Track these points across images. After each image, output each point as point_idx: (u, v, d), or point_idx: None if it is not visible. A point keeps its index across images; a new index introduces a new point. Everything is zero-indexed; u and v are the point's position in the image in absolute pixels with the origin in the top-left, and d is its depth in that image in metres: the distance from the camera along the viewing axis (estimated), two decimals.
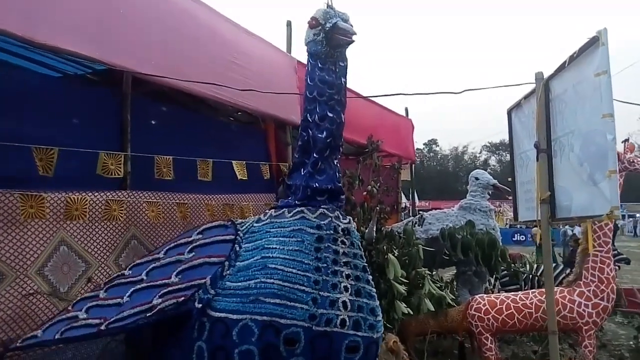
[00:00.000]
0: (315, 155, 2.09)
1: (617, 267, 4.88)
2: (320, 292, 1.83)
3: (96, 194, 3.53)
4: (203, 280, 1.88)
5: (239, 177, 4.61)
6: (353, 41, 2.16)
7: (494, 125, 72.74)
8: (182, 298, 1.86)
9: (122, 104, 3.89)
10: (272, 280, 1.81)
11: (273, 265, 1.84)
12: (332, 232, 1.97)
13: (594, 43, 2.18)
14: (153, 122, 4.20)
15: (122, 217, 3.68)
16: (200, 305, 1.84)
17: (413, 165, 9.29)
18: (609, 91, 2.09)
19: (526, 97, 3.05)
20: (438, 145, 51.64)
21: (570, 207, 2.50)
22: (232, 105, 4.63)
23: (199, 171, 4.26)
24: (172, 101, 4.83)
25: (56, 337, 2.06)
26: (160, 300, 1.90)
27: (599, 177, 2.20)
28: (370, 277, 2.01)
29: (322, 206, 2.02)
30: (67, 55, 3.92)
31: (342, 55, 2.18)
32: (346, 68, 2.19)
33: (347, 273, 1.92)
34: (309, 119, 2.13)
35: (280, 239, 1.92)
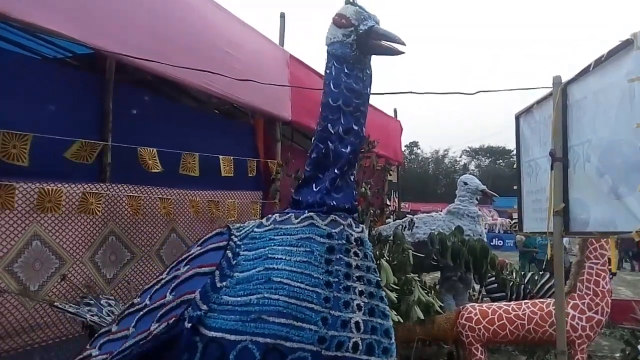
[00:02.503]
0: (336, 171, 1.84)
1: None
2: (331, 311, 1.60)
3: (72, 185, 3.29)
4: (192, 295, 1.65)
5: (223, 173, 4.39)
6: (403, 52, 1.89)
7: (475, 131, 73.80)
8: (173, 319, 1.63)
9: (104, 91, 3.63)
10: (277, 296, 1.57)
11: (278, 279, 1.61)
12: (344, 242, 1.74)
13: (627, 46, 2.04)
14: (136, 112, 3.95)
15: (99, 211, 3.43)
16: (190, 324, 1.60)
17: (399, 167, 9.18)
18: None
19: (538, 102, 2.91)
20: (419, 148, 51.93)
21: (587, 221, 2.36)
22: (221, 98, 4.40)
23: (185, 165, 4.04)
24: (157, 91, 4.58)
25: None
26: (157, 324, 1.68)
27: (624, 190, 2.05)
28: (383, 294, 1.81)
29: (333, 213, 1.80)
30: (45, 36, 3.67)
31: (369, 62, 1.94)
32: (371, 77, 1.95)
33: (360, 289, 1.70)
34: (331, 130, 1.85)
35: (287, 248, 1.69)
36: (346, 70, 1.89)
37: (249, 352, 1.54)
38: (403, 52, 1.90)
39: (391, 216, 8.14)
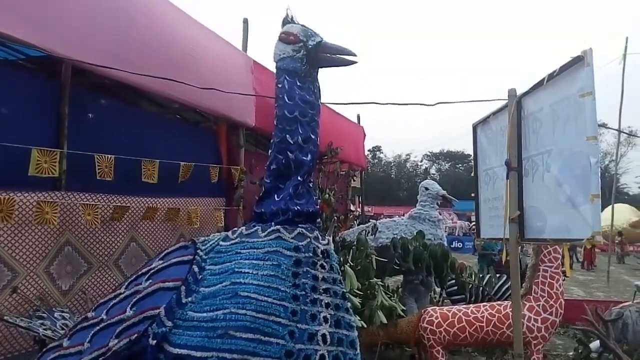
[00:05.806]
0: (299, 178, 1.91)
1: None
2: (298, 325, 1.62)
3: (26, 194, 3.16)
4: (157, 311, 1.62)
5: (180, 179, 4.30)
6: (355, 62, 2.05)
7: (435, 136, 75.63)
8: (135, 335, 1.59)
9: (60, 96, 3.50)
10: (244, 311, 1.57)
11: (245, 293, 1.60)
12: (311, 254, 1.77)
13: (577, 62, 2.15)
14: (93, 116, 3.83)
15: (55, 220, 3.31)
16: (155, 341, 1.57)
17: (363, 172, 9.27)
18: (594, 113, 2.05)
19: (495, 113, 3.02)
20: (382, 152, 52.66)
21: (543, 228, 2.46)
22: (184, 103, 4.32)
23: (144, 172, 3.94)
24: (115, 95, 4.46)
25: None
26: (116, 340, 1.64)
27: (580, 199, 2.15)
28: (349, 305, 1.84)
29: (299, 225, 1.81)
30: None
31: (317, 75, 2.07)
32: (320, 89, 2.08)
33: (326, 301, 1.72)
34: (290, 140, 1.93)
35: (254, 262, 1.69)
36: (299, 83, 1.99)
37: None
38: (356, 62, 2.05)
39: (355, 221, 8.21)
